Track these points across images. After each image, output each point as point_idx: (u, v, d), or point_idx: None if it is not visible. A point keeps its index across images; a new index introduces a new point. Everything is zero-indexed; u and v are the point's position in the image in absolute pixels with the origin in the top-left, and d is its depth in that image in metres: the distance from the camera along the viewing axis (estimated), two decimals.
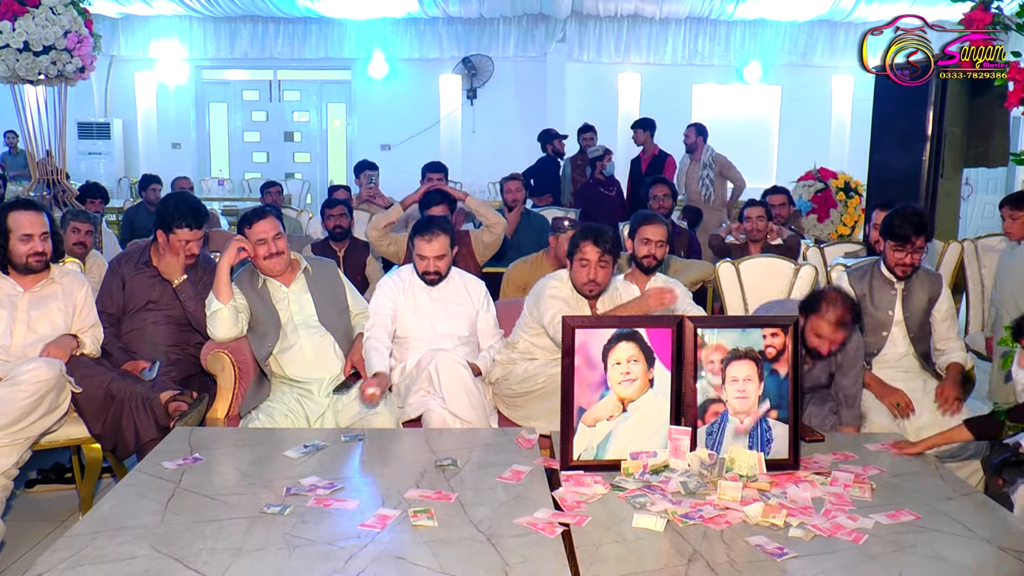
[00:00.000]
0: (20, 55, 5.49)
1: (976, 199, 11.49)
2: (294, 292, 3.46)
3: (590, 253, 3.29)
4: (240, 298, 3.37)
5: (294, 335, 3.37)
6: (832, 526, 2.12)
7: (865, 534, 2.09)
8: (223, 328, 3.30)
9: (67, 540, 1.99)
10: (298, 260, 3.53)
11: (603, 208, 6.98)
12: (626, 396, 2.54)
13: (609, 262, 3.34)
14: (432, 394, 3.25)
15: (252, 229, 3.38)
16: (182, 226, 3.59)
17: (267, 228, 3.38)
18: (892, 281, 3.50)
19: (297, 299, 3.45)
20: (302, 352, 3.36)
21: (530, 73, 11.77)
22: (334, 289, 3.56)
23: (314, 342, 3.38)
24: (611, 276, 3.42)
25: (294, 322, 3.40)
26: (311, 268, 3.53)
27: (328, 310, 3.46)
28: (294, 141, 12.78)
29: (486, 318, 3.69)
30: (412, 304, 3.56)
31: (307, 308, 3.44)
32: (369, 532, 2.06)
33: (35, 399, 2.99)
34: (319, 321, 3.42)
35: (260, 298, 3.42)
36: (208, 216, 3.80)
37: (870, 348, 3.53)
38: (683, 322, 2.58)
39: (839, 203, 7.51)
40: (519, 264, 4.59)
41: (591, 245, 3.29)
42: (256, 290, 3.42)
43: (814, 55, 11.69)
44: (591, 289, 3.35)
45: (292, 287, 3.46)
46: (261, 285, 3.44)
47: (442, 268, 3.55)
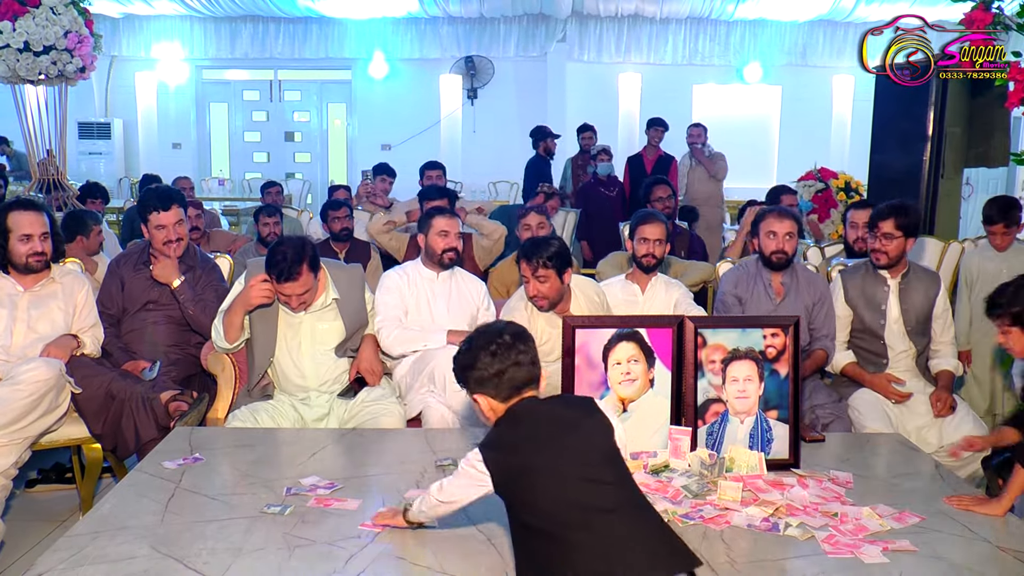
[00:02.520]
0: (20, 55, 5.49)
1: (977, 199, 11.47)
2: (311, 319, 3.19)
3: (524, 270, 3.20)
4: (246, 331, 3.19)
5: (299, 360, 3.19)
6: (833, 527, 2.12)
7: (865, 533, 2.09)
8: (224, 350, 3.25)
9: (67, 540, 1.99)
10: (325, 284, 3.19)
11: (603, 208, 6.97)
12: (626, 396, 2.54)
13: (549, 276, 3.16)
14: (432, 392, 3.25)
15: (281, 286, 2.99)
16: (151, 211, 3.55)
17: (296, 288, 3.01)
18: (885, 278, 3.53)
19: (312, 327, 3.20)
20: (303, 377, 3.20)
21: (530, 73, 11.77)
22: (360, 312, 3.31)
23: (318, 369, 3.21)
24: (561, 287, 3.23)
25: (301, 349, 3.18)
26: (340, 298, 3.22)
27: (349, 340, 3.25)
28: (294, 141, 12.78)
29: (486, 316, 3.70)
30: (415, 295, 3.57)
31: (325, 338, 3.21)
32: (369, 532, 2.06)
33: (34, 399, 2.99)
34: (334, 352, 3.23)
35: (264, 321, 3.16)
36: (180, 196, 3.69)
37: (871, 348, 3.54)
38: (683, 322, 2.58)
39: (840, 203, 7.50)
40: (502, 264, 4.61)
41: (524, 262, 3.20)
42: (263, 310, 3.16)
43: (814, 55, 11.69)
44: (540, 304, 3.24)
45: (311, 313, 3.19)
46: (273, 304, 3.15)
47: (460, 247, 3.61)
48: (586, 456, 1.80)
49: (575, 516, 1.72)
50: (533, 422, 1.85)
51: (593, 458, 1.80)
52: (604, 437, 1.86)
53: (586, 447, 1.82)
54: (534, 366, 1.91)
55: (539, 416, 1.86)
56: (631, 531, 1.72)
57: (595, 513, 1.72)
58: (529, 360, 1.89)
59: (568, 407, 1.93)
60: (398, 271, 3.67)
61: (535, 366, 1.91)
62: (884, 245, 3.44)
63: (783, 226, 3.51)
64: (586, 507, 1.73)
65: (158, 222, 3.56)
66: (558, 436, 1.82)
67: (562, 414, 1.88)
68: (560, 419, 1.86)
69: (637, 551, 1.69)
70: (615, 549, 1.69)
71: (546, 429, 1.83)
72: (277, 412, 3.15)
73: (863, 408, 3.39)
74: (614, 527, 1.71)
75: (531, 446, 1.81)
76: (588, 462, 1.79)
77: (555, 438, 1.81)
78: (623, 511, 1.74)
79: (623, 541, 1.70)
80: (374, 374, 3.26)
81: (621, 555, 1.68)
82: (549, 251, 3.16)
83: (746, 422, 2.56)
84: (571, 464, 1.77)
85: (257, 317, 3.18)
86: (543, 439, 1.81)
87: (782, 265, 3.55)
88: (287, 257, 2.95)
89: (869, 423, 3.31)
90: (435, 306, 3.58)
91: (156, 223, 3.56)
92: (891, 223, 3.41)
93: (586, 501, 1.74)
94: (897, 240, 3.43)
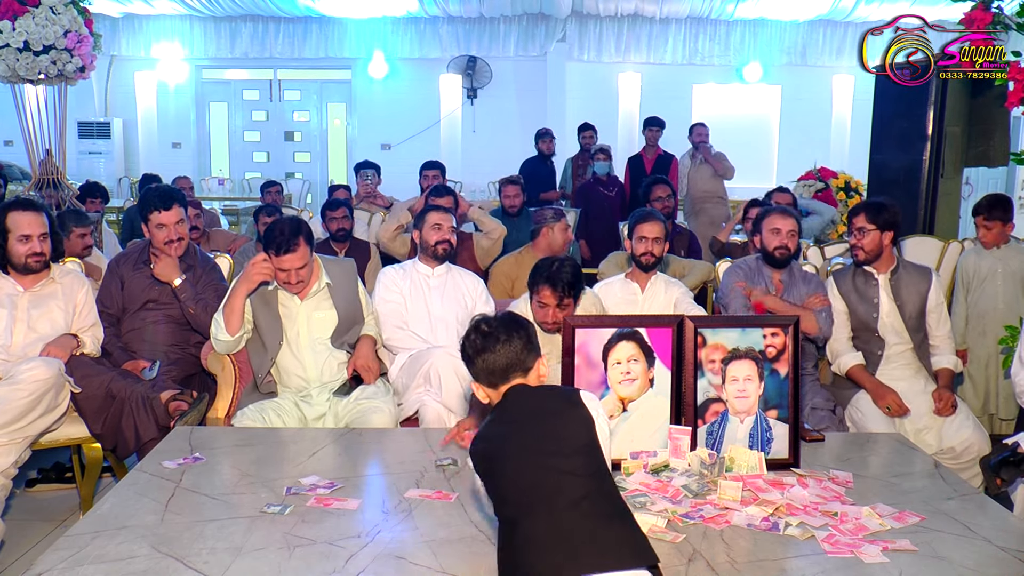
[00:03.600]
0: (20, 55, 5.48)
1: (976, 199, 11.47)
2: (306, 308, 3.27)
3: (547, 296, 3.13)
4: (248, 323, 3.21)
5: (298, 352, 3.24)
6: (833, 526, 2.12)
7: (865, 533, 2.09)
8: (224, 348, 3.24)
9: (67, 539, 1.99)
10: (318, 271, 3.31)
11: (603, 207, 6.97)
12: (626, 396, 2.54)
13: (570, 305, 3.15)
14: (428, 391, 3.26)
15: (280, 260, 3.11)
16: (152, 210, 3.56)
17: (295, 261, 3.10)
18: (872, 274, 3.58)
19: (308, 315, 3.27)
20: (304, 370, 3.24)
21: (530, 73, 11.77)
22: (353, 303, 3.37)
23: (318, 361, 3.25)
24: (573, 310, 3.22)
25: (300, 341, 3.24)
26: (332, 283, 3.32)
27: (344, 330, 3.30)
28: (294, 141, 12.77)
29: (484, 312, 3.71)
30: (412, 290, 3.64)
31: (321, 327, 3.27)
32: (369, 532, 2.06)
33: (34, 398, 2.99)
34: (330, 341, 3.28)
35: (267, 307, 3.24)
36: (181, 196, 3.70)
37: (866, 341, 3.56)
38: (683, 322, 2.58)
39: (839, 203, 7.51)
40: (503, 261, 4.62)
41: (548, 290, 3.11)
42: (263, 297, 3.24)
43: (814, 55, 11.68)
44: (549, 328, 3.18)
45: (306, 302, 3.27)
46: (271, 290, 3.25)
47: (454, 241, 3.72)
48: (558, 445, 1.80)
49: (538, 504, 1.73)
50: (514, 409, 1.88)
51: (566, 448, 1.80)
52: (583, 429, 1.86)
53: (560, 436, 1.82)
54: (523, 352, 1.91)
55: (521, 404, 1.89)
56: (593, 525, 1.72)
57: (560, 503, 1.73)
58: (513, 347, 1.90)
59: (551, 397, 1.94)
60: (396, 268, 3.76)
61: (524, 352, 1.91)
62: (859, 240, 3.54)
63: (786, 224, 3.63)
64: (551, 496, 1.74)
65: (159, 221, 3.56)
66: (532, 424, 1.83)
67: (543, 404, 1.90)
68: (540, 408, 1.88)
69: (592, 545, 1.70)
70: (571, 540, 1.69)
71: (523, 417, 1.85)
72: (283, 410, 3.18)
73: (865, 409, 3.39)
74: (576, 519, 1.72)
75: (504, 431, 1.83)
76: (560, 451, 1.79)
77: (529, 426, 1.83)
78: (589, 504, 1.74)
79: (580, 533, 1.70)
80: (370, 371, 3.27)
81: (574, 547, 1.69)
82: (576, 283, 3.15)
83: (746, 422, 2.56)
84: (540, 452, 1.78)
85: (259, 308, 3.22)
86: (516, 426, 1.83)
87: (784, 261, 3.66)
88: (284, 231, 3.09)
89: (871, 425, 3.31)
90: (431, 301, 3.62)
91: (157, 222, 3.57)
92: (862, 217, 3.53)
93: (551, 490, 1.74)
94: (871, 234, 3.51)
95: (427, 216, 3.72)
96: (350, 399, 3.24)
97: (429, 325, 3.58)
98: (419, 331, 3.56)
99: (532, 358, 1.94)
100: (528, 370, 1.93)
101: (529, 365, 1.93)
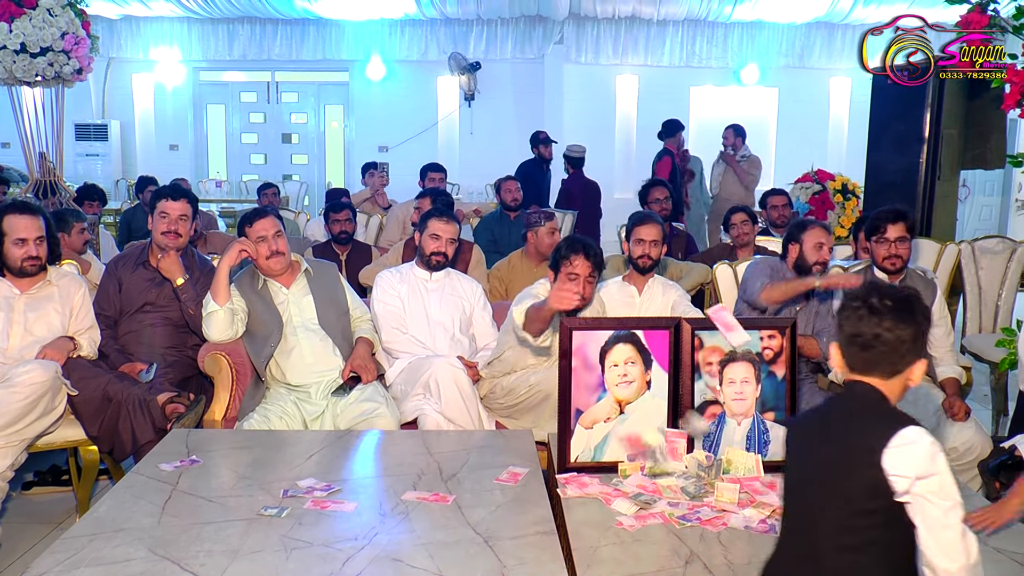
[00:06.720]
0: (17, 57, 5.47)
1: (973, 201, 11.51)
2: (294, 294, 3.46)
3: (580, 267, 3.08)
4: (238, 301, 3.36)
5: (294, 337, 3.37)
6: None
7: None
8: (218, 330, 3.30)
9: (64, 542, 1.99)
10: (299, 262, 3.53)
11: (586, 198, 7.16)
12: (623, 398, 2.54)
13: (595, 279, 3.19)
14: (428, 399, 3.26)
15: (252, 227, 3.40)
16: (162, 198, 3.61)
17: (267, 226, 3.40)
18: (884, 279, 3.52)
19: (297, 301, 3.45)
20: (301, 356, 3.35)
21: (528, 75, 11.76)
22: (335, 292, 3.56)
23: (313, 345, 3.37)
24: (595, 290, 3.27)
25: (293, 324, 3.40)
26: (312, 270, 3.53)
27: (328, 313, 3.46)
28: (292, 143, 12.76)
29: (483, 316, 3.74)
30: (409, 293, 3.66)
31: (307, 310, 3.44)
32: (366, 534, 2.05)
33: (30, 401, 2.98)
34: (319, 324, 3.42)
35: (261, 299, 3.41)
36: (193, 197, 3.75)
37: None
38: (680, 324, 2.58)
39: (836, 205, 7.50)
40: (498, 266, 4.65)
41: (581, 258, 3.08)
42: (256, 291, 3.42)
43: (812, 57, 11.69)
44: (578, 305, 3.13)
45: (292, 288, 3.46)
46: (261, 286, 3.44)
47: (450, 253, 3.70)
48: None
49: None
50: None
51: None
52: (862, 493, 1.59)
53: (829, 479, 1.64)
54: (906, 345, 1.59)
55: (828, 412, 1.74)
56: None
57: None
58: (898, 334, 1.58)
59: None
60: (393, 271, 3.78)
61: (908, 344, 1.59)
62: (898, 249, 3.43)
63: (829, 240, 3.57)
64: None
65: (164, 208, 3.61)
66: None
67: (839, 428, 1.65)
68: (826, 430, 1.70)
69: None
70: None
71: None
72: (285, 412, 3.22)
73: None
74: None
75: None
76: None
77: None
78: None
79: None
80: (368, 370, 3.32)
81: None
82: (601, 257, 3.18)
83: (743, 424, 2.56)
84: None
85: (256, 303, 3.38)
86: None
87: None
88: (255, 210, 3.52)
89: None
90: (430, 305, 3.63)
91: (162, 209, 3.61)
92: (901, 227, 3.42)
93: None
94: (908, 243, 3.44)
95: (429, 221, 3.72)
96: (348, 399, 3.27)
97: (428, 329, 3.59)
98: (417, 335, 3.58)
99: (907, 361, 1.59)
100: (896, 373, 1.59)
101: (900, 368, 1.59)
